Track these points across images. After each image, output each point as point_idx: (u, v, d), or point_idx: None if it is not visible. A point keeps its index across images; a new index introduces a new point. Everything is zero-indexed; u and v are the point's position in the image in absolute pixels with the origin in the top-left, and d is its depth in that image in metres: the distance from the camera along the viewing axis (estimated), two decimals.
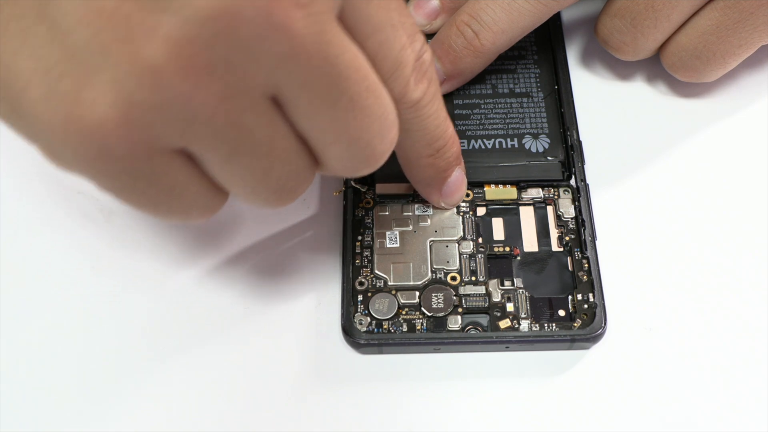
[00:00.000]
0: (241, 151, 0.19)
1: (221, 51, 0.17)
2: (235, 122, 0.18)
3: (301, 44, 0.17)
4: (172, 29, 0.16)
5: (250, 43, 0.17)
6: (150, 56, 0.16)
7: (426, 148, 0.24)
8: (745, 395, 0.26)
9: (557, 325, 0.26)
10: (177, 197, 0.20)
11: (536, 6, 0.28)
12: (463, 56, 0.29)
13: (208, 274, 0.28)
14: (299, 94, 0.18)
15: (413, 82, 0.21)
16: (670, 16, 0.28)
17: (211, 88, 0.17)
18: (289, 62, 0.17)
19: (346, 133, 0.20)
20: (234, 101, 0.18)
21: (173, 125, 0.17)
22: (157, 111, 0.17)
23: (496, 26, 0.28)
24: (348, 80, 0.19)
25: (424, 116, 0.23)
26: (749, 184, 0.30)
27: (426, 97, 0.22)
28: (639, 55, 0.30)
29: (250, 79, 0.18)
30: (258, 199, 0.21)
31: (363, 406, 0.26)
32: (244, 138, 0.19)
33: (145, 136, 0.17)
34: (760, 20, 0.28)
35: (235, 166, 0.19)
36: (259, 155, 0.19)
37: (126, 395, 0.26)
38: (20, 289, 0.28)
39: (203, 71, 0.17)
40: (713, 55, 0.29)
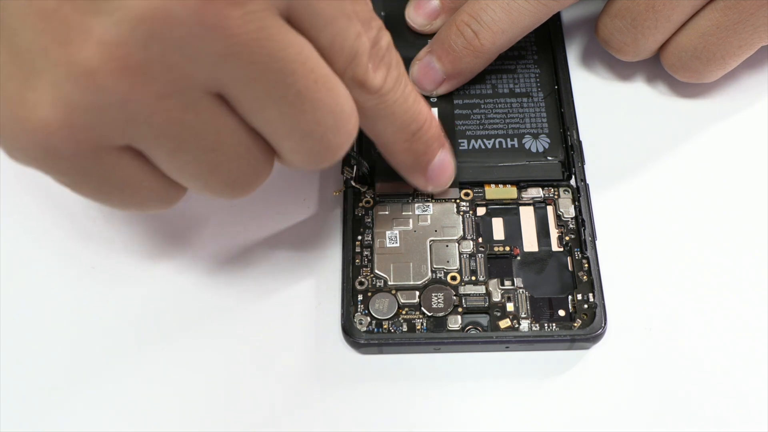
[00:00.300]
0: (185, 148, 0.19)
1: (155, 51, 0.17)
2: (176, 120, 0.18)
3: (239, 42, 0.17)
4: (105, 31, 0.17)
5: (184, 43, 0.17)
6: (85, 59, 0.17)
7: (399, 133, 0.24)
8: (745, 395, 0.26)
9: (557, 325, 0.26)
10: (130, 191, 0.20)
11: (536, 6, 0.28)
12: (462, 56, 0.29)
13: (208, 274, 0.28)
14: (244, 91, 0.19)
15: (371, 69, 0.21)
16: (671, 17, 0.28)
17: (148, 88, 0.17)
18: (228, 60, 0.18)
19: (297, 128, 0.20)
20: (173, 100, 0.18)
21: (114, 125, 0.18)
22: (96, 112, 0.17)
23: (496, 26, 0.28)
24: (294, 74, 0.19)
25: (389, 102, 0.22)
26: (749, 184, 0.30)
27: (387, 83, 0.22)
28: (639, 55, 0.30)
29: (188, 78, 0.18)
30: (211, 191, 0.21)
31: (363, 406, 0.26)
32: (187, 135, 0.19)
33: (88, 135, 0.18)
34: (761, 21, 0.28)
35: (182, 161, 0.20)
36: (204, 150, 0.19)
37: (126, 395, 0.26)
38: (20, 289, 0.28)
39: (138, 72, 0.17)
40: (713, 55, 0.29)
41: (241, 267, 0.28)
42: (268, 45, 0.18)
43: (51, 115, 0.17)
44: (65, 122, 0.17)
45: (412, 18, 0.32)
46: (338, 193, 0.29)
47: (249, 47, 0.18)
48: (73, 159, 0.18)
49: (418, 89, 0.28)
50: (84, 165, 0.19)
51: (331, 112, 0.20)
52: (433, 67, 0.29)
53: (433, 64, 0.29)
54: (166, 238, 0.29)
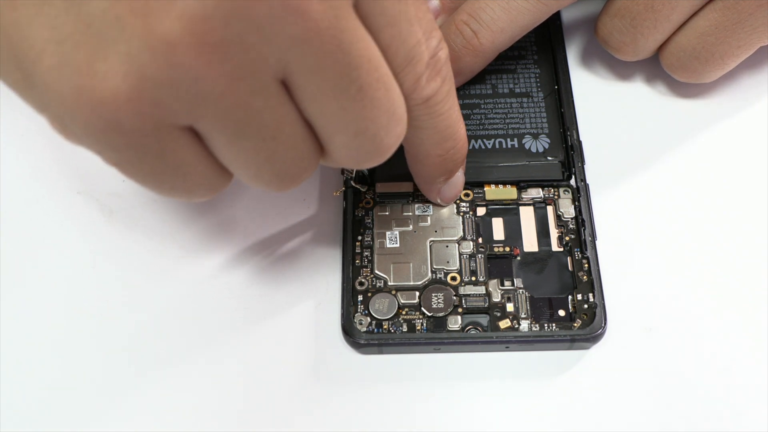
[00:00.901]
0: (248, 133, 0.19)
1: (236, 30, 0.17)
2: (244, 103, 0.18)
3: (316, 28, 0.17)
4: (188, 5, 0.16)
5: (265, 23, 0.17)
6: (165, 31, 0.16)
7: (435, 147, 0.24)
8: (745, 395, 0.26)
9: (557, 325, 0.26)
10: (182, 175, 0.20)
11: (535, 5, 0.28)
12: (462, 55, 0.29)
13: (208, 274, 0.28)
14: (309, 79, 0.18)
15: (425, 78, 0.21)
16: (670, 17, 0.28)
17: (223, 67, 0.17)
18: (302, 45, 0.17)
19: (353, 123, 0.20)
20: (244, 82, 0.18)
21: (183, 102, 0.17)
22: (169, 87, 0.17)
23: (495, 25, 0.28)
24: (359, 69, 0.19)
25: (435, 114, 0.23)
26: (749, 184, 0.30)
27: (438, 95, 0.22)
28: (639, 55, 0.30)
29: (262, 60, 0.18)
30: (260, 182, 0.21)
31: (363, 406, 0.26)
32: (252, 119, 0.19)
33: (155, 111, 0.17)
34: (759, 21, 0.28)
35: (241, 147, 0.19)
36: (264, 138, 0.19)
37: (126, 395, 0.26)
38: (21, 289, 0.28)
39: (217, 49, 0.17)
40: (712, 55, 0.29)
41: (241, 267, 0.28)
42: (340, 36, 0.18)
43: (122, 86, 0.17)
44: (135, 95, 0.17)
45: None
46: (338, 193, 0.29)
47: (324, 35, 0.18)
48: (134, 135, 0.18)
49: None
50: (144, 142, 0.18)
51: (386, 112, 0.20)
52: None
53: None
54: (165, 238, 0.29)
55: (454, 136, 0.24)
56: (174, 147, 0.19)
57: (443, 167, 0.26)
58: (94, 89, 0.17)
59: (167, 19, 0.16)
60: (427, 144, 0.24)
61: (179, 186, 0.20)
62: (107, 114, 0.17)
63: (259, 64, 0.18)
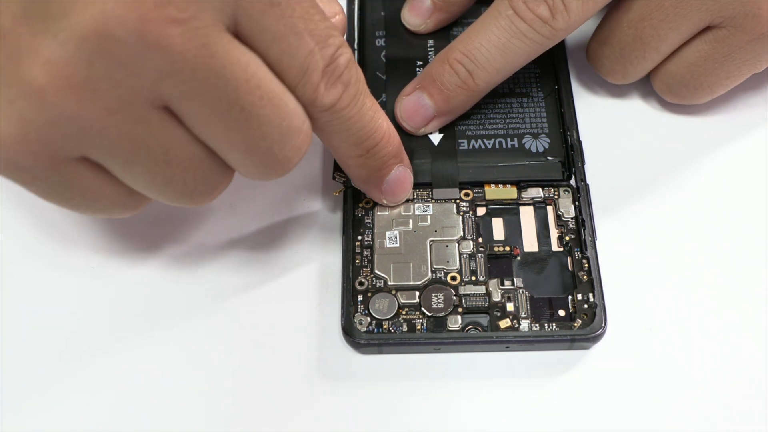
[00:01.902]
0: (138, 160, 0.20)
1: (100, 69, 0.18)
2: (126, 134, 0.19)
3: (182, 59, 0.18)
4: (52, 51, 0.17)
5: (127, 60, 0.18)
6: (34, 77, 0.18)
7: (353, 148, 0.24)
8: (745, 395, 0.26)
9: (557, 325, 0.26)
10: (92, 199, 0.21)
11: (531, 45, 0.27)
12: (456, 95, 0.28)
13: (208, 274, 0.28)
14: (189, 106, 0.19)
15: (323, 87, 0.21)
16: (659, 48, 0.28)
17: (96, 104, 0.18)
18: (171, 76, 0.18)
19: (242, 142, 0.20)
20: (121, 114, 0.19)
21: (67, 139, 0.19)
22: (49, 127, 0.18)
23: (491, 66, 0.28)
24: (237, 91, 0.19)
25: (343, 119, 0.23)
26: (749, 184, 0.30)
27: (342, 101, 0.22)
28: (628, 80, 0.30)
29: (134, 93, 0.18)
30: (169, 201, 0.22)
31: (363, 406, 0.26)
32: (138, 147, 0.20)
33: (44, 149, 0.19)
34: (749, 54, 0.28)
35: (136, 172, 0.20)
36: (156, 162, 0.20)
37: (126, 396, 0.26)
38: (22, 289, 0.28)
39: (84, 88, 0.18)
40: (701, 84, 0.29)
41: (241, 267, 0.28)
42: (210, 62, 0.18)
43: (7, 130, 0.18)
44: (21, 137, 0.18)
45: (407, 20, 0.32)
46: (338, 193, 0.29)
47: (191, 64, 0.18)
48: (32, 171, 0.19)
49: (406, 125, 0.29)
50: (44, 176, 0.20)
51: (277, 127, 0.20)
52: (423, 104, 0.29)
53: (423, 101, 0.29)
54: (165, 238, 0.29)
55: (372, 135, 0.24)
56: (75, 177, 0.20)
57: (370, 166, 0.26)
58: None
59: (35, 66, 0.17)
60: (344, 147, 0.24)
61: (94, 208, 0.22)
62: (3, 155, 0.19)
63: (133, 96, 0.18)
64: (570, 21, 0.27)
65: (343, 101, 0.22)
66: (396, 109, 0.29)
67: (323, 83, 0.21)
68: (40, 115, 0.18)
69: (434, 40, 0.32)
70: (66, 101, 0.18)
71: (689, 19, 0.27)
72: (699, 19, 0.27)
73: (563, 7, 0.26)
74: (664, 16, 0.27)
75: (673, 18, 0.27)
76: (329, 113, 0.22)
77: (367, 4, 0.33)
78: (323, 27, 0.21)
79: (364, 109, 0.23)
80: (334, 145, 0.24)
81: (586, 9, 0.27)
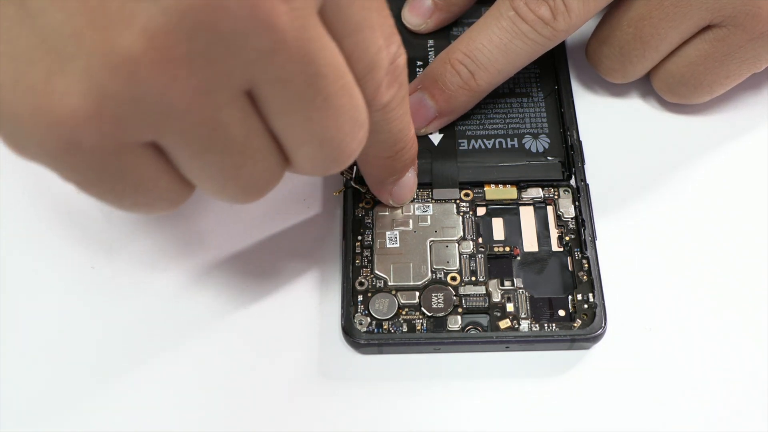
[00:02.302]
0: (214, 148, 0.18)
1: (200, 44, 0.16)
2: (210, 118, 0.18)
3: (283, 39, 0.17)
4: (151, 19, 0.15)
5: (232, 38, 0.16)
6: (126, 46, 0.15)
7: (387, 149, 0.24)
8: (745, 395, 0.26)
9: (557, 325, 0.26)
10: (143, 191, 0.19)
11: (533, 46, 0.27)
12: (457, 95, 0.28)
13: (208, 273, 0.28)
14: (276, 91, 0.18)
15: (385, 85, 0.21)
16: (658, 47, 0.28)
17: (188, 82, 0.16)
18: (269, 58, 0.17)
19: (318, 133, 0.19)
20: (210, 97, 0.17)
21: (146, 119, 0.17)
22: (131, 104, 0.16)
23: (493, 67, 0.28)
24: (325, 78, 0.18)
25: (390, 119, 0.22)
26: (749, 184, 0.30)
27: (395, 101, 0.22)
28: (628, 79, 0.30)
29: (228, 74, 0.17)
30: (225, 195, 0.20)
31: (363, 406, 0.26)
32: (218, 134, 0.18)
33: (117, 129, 0.17)
34: (749, 54, 0.28)
35: (207, 161, 0.19)
36: (231, 152, 0.19)
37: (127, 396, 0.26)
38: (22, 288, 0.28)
39: (181, 64, 0.16)
40: (700, 83, 0.29)
41: (242, 267, 0.28)
42: (307, 46, 0.17)
43: (81, 105, 0.16)
44: (95, 113, 0.16)
45: (408, 19, 0.32)
46: (338, 193, 0.29)
47: (291, 46, 0.17)
48: (93, 154, 0.17)
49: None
50: (103, 161, 0.17)
51: (350, 119, 0.20)
52: (425, 105, 0.29)
53: (425, 102, 0.29)
54: (166, 238, 0.29)
55: (405, 138, 0.24)
56: (136, 164, 0.18)
57: (393, 168, 0.26)
58: (52, 108, 0.16)
59: (129, 33, 0.15)
60: (379, 146, 0.24)
61: (140, 201, 0.19)
62: (65, 134, 0.16)
63: (225, 77, 0.17)
64: (571, 22, 0.26)
65: (396, 101, 0.22)
66: None
67: (385, 81, 0.21)
68: (124, 89, 0.16)
69: (434, 40, 0.32)
70: (158, 77, 0.16)
71: (689, 18, 0.27)
72: (699, 18, 0.27)
73: (564, 8, 0.26)
74: (664, 15, 0.27)
75: (673, 17, 0.27)
76: (382, 112, 0.22)
77: None
78: (390, 24, 0.21)
79: (406, 112, 0.23)
80: (370, 143, 0.23)
81: (587, 10, 0.27)
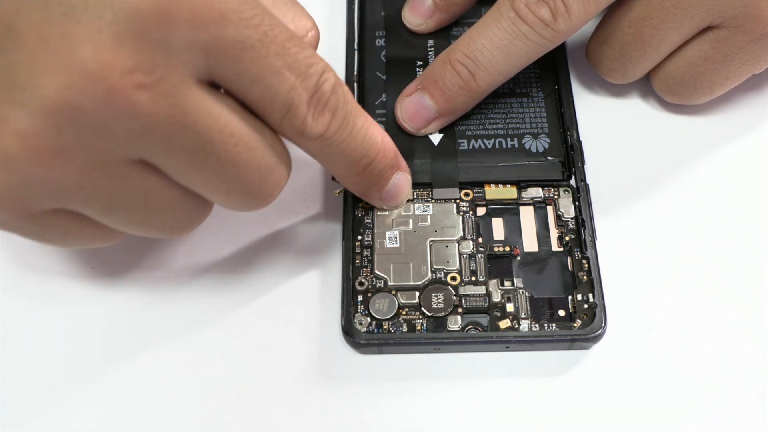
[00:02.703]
0: (117, 209, 0.20)
1: (70, 136, 0.18)
2: (103, 189, 0.19)
3: (153, 121, 0.18)
4: (20, 122, 0.18)
5: (97, 127, 0.18)
6: (4, 147, 0.18)
7: (349, 169, 0.24)
8: (745, 395, 0.26)
9: (557, 325, 0.26)
10: (73, 239, 0.22)
11: (533, 47, 0.27)
12: (457, 96, 0.28)
13: (208, 274, 0.28)
14: (165, 159, 0.20)
15: (311, 118, 0.21)
16: (659, 48, 0.28)
17: (70, 167, 0.19)
18: (144, 137, 0.18)
19: (221, 185, 0.21)
20: (97, 173, 0.19)
21: (41, 197, 0.19)
22: (23, 190, 0.19)
23: (493, 68, 0.28)
24: (212, 143, 0.19)
25: (335, 144, 0.22)
26: (749, 184, 0.30)
27: (331, 128, 0.22)
28: (628, 79, 0.30)
29: (108, 153, 0.19)
30: (150, 236, 0.22)
31: (363, 406, 0.26)
32: (116, 199, 0.20)
33: (19, 207, 0.19)
34: (749, 55, 0.28)
35: (115, 219, 0.21)
36: (136, 209, 0.21)
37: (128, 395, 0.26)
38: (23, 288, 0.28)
39: (55, 155, 0.18)
40: (700, 84, 0.29)
41: (241, 267, 0.28)
42: (182, 119, 0.19)
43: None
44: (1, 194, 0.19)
45: (408, 19, 0.32)
46: (338, 193, 0.29)
47: (162, 124, 0.18)
48: (11, 224, 0.20)
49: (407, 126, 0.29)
50: (21, 226, 0.20)
51: (255, 169, 0.21)
52: (425, 105, 0.29)
53: (425, 102, 0.29)
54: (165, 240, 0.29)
55: (367, 153, 0.24)
56: (53, 224, 0.21)
57: (368, 181, 0.26)
58: None
59: (5, 135, 0.18)
60: (340, 168, 0.24)
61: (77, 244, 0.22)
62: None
63: (107, 156, 0.19)
64: (571, 23, 0.26)
65: (333, 127, 0.22)
66: (397, 110, 0.29)
67: (310, 114, 0.21)
68: (13, 179, 0.18)
69: (434, 40, 0.32)
70: (37, 168, 0.18)
71: (690, 19, 0.27)
72: (699, 20, 0.27)
73: (564, 9, 0.26)
74: (664, 16, 0.27)
75: (673, 18, 0.27)
76: (320, 141, 0.22)
77: (367, 4, 0.33)
78: (302, 57, 0.20)
79: (355, 130, 0.23)
80: (330, 167, 0.24)
81: (588, 11, 0.27)
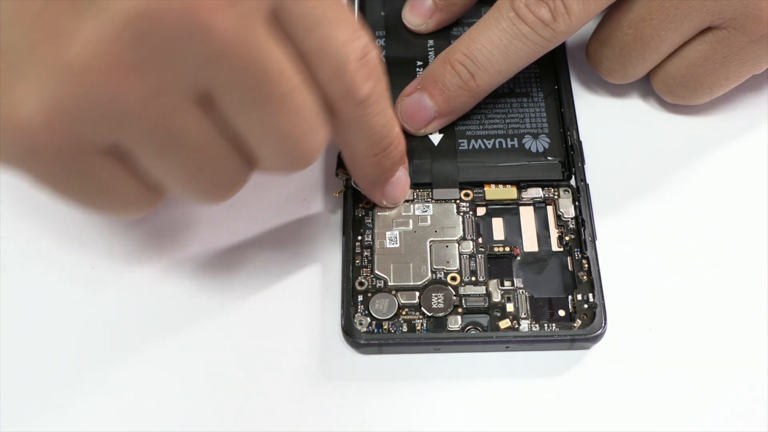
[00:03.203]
0: (171, 149, 0.19)
1: (145, 51, 0.17)
2: (164, 120, 0.18)
3: (226, 45, 0.18)
4: (95, 31, 0.17)
5: (174, 44, 0.17)
6: (73, 56, 0.17)
7: (372, 146, 0.24)
8: (744, 395, 0.26)
9: (557, 325, 0.26)
10: (110, 195, 0.20)
11: (533, 47, 0.27)
12: (457, 96, 0.28)
13: (208, 274, 0.28)
14: (227, 93, 0.19)
15: (360, 78, 0.21)
16: (659, 48, 0.28)
17: (137, 87, 0.17)
18: (213, 63, 0.18)
19: (276, 131, 0.20)
20: (161, 99, 0.18)
21: (100, 124, 0.18)
22: (83, 111, 0.17)
23: (493, 68, 0.28)
24: (272, 82, 0.19)
25: (371, 114, 0.22)
26: (749, 184, 0.30)
27: (373, 96, 0.22)
28: (628, 80, 0.30)
29: (176, 78, 0.18)
30: (191, 196, 0.21)
31: (363, 406, 0.26)
32: (173, 136, 0.19)
33: (72, 136, 0.18)
34: (749, 56, 0.28)
35: (166, 163, 0.20)
36: (189, 153, 0.20)
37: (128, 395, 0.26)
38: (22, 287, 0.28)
39: (127, 70, 0.17)
40: (700, 85, 0.29)
41: (241, 267, 0.28)
42: (250, 52, 0.18)
43: (35, 113, 0.17)
44: (49, 120, 0.17)
45: (408, 19, 0.32)
46: (338, 193, 0.29)
47: (234, 50, 0.18)
48: (54, 159, 0.18)
49: (407, 126, 0.29)
50: (65, 167, 0.19)
51: (306, 118, 0.20)
52: (424, 105, 0.29)
53: (425, 102, 0.29)
54: (166, 238, 0.29)
55: (390, 134, 0.24)
56: (98, 169, 0.19)
57: (382, 166, 0.26)
58: (10, 116, 0.17)
59: (75, 45, 0.17)
60: (364, 144, 0.24)
61: (109, 206, 0.21)
62: (24, 140, 0.17)
63: (174, 81, 0.18)
64: (571, 24, 0.27)
65: (374, 96, 0.22)
66: (396, 110, 0.29)
67: (359, 75, 0.21)
68: (76, 97, 0.17)
69: (434, 40, 0.32)
70: (107, 83, 0.17)
71: (690, 19, 0.27)
72: (699, 20, 0.27)
73: (564, 9, 0.26)
74: (664, 17, 0.27)
75: (673, 18, 0.27)
76: (361, 107, 0.22)
77: (367, 4, 0.33)
78: (353, 20, 0.21)
79: (387, 107, 0.23)
80: (352, 142, 0.24)
81: (588, 11, 0.27)
